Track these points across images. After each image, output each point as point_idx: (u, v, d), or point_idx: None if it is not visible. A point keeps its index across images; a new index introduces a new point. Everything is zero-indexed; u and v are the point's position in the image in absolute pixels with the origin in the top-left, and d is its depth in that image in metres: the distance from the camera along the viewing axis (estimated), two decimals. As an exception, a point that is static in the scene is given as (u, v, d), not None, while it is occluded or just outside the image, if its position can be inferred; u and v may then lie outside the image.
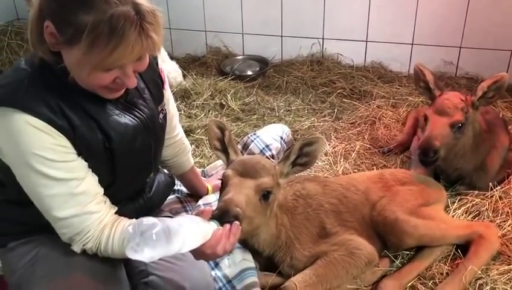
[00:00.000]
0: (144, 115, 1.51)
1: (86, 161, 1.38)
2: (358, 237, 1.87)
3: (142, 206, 1.68)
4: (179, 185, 2.27)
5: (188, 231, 1.27)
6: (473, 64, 3.58)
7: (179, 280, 1.50)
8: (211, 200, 2.12)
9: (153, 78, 1.61)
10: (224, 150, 1.80)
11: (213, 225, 1.37)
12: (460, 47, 3.58)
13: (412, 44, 3.69)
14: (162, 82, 1.68)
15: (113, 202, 1.50)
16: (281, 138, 2.68)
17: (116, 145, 1.41)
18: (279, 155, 2.62)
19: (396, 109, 3.20)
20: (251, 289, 1.69)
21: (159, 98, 1.63)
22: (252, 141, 2.59)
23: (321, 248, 1.83)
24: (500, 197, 2.17)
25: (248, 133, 2.78)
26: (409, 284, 1.81)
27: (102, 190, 1.43)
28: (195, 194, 2.23)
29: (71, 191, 1.33)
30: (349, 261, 1.79)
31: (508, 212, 2.10)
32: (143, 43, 1.22)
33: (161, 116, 1.63)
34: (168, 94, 1.75)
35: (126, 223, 1.42)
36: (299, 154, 1.71)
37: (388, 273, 1.88)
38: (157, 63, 1.65)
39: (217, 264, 1.82)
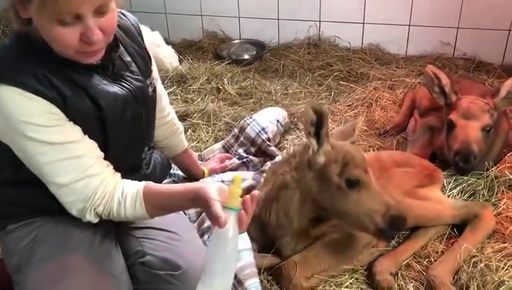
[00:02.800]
0: (132, 86, 1.50)
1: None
2: None
3: (139, 181, 1.67)
4: (175, 169, 2.26)
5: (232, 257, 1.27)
6: (471, 45, 3.56)
7: (175, 259, 1.51)
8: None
9: (139, 53, 1.59)
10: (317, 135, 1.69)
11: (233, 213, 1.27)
12: (457, 28, 3.56)
13: (409, 25, 3.67)
14: (149, 58, 1.67)
15: (123, 168, 1.51)
16: (278, 121, 2.68)
17: (106, 114, 1.41)
18: (275, 138, 2.63)
19: (393, 90, 3.19)
20: (247, 269, 1.70)
21: (146, 72, 1.61)
22: (249, 125, 2.58)
23: (321, 229, 1.84)
24: (496, 177, 2.18)
25: (245, 117, 2.77)
26: (404, 262, 1.83)
27: (102, 154, 1.43)
28: (191, 177, 2.22)
29: (69, 155, 1.33)
30: (347, 242, 1.81)
31: (503, 191, 2.11)
32: None
33: (150, 89, 1.62)
34: (155, 73, 1.74)
35: (135, 187, 1.42)
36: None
37: (384, 253, 1.89)
38: (142, 40, 1.64)
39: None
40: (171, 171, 2.24)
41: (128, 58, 1.54)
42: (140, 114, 1.55)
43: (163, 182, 2.06)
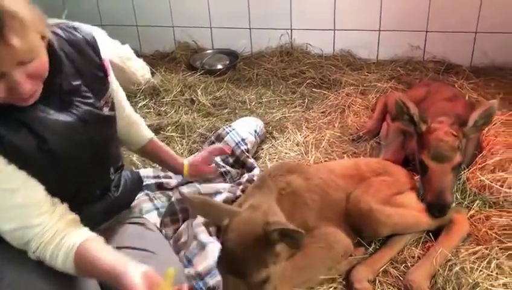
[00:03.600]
0: (81, 111, 1.45)
1: (23, 169, 1.33)
2: (337, 230, 1.89)
3: (110, 205, 1.67)
4: (146, 180, 2.23)
5: None
6: (440, 48, 3.63)
7: None
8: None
9: (92, 72, 1.54)
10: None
11: None
12: (426, 31, 3.62)
13: (379, 30, 3.72)
14: (105, 73, 1.61)
15: (78, 201, 1.47)
16: (255, 131, 2.68)
17: (53, 145, 1.37)
18: (253, 149, 2.62)
19: (365, 96, 3.23)
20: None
21: (100, 91, 1.56)
22: (228, 133, 2.57)
23: None
24: (468, 179, 2.21)
25: (219, 128, 2.76)
26: (381, 269, 1.84)
27: (46, 199, 1.38)
28: (170, 170, 2.17)
29: (6, 204, 1.30)
30: (327, 253, 1.81)
31: (475, 193, 2.14)
32: (1, 52, 1.14)
33: (106, 109, 1.57)
34: (112, 81, 1.67)
35: (72, 242, 1.37)
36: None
37: (361, 260, 1.89)
38: (98, 55, 1.58)
39: (189, 261, 1.81)
40: (144, 183, 2.18)
41: (77, 82, 1.48)
42: (93, 139, 1.50)
43: (137, 196, 2.00)
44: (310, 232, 1.85)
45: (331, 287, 1.79)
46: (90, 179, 1.58)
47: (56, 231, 1.37)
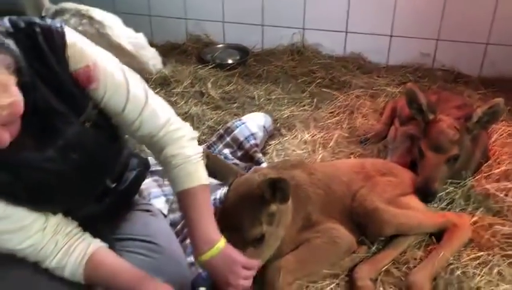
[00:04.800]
0: (61, 135, 1.32)
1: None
2: (340, 226, 1.91)
3: (114, 200, 1.63)
4: (154, 166, 2.17)
5: None
6: (450, 57, 3.65)
7: (155, 276, 1.49)
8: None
9: (65, 89, 1.31)
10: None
11: None
12: (437, 39, 3.64)
13: (391, 36, 3.74)
14: (80, 87, 1.34)
15: (74, 208, 1.47)
16: (264, 127, 2.71)
17: (30, 182, 1.28)
18: (261, 145, 2.64)
19: (374, 99, 3.25)
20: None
21: (77, 106, 1.34)
22: (237, 127, 2.59)
23: (304, 236, 1.86)
24: (472, 186, 2.24)
25: (228, 122, 2.78)
26: (384, 268, 1.86)
27: (32, 221, 1.34)
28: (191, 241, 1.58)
29: None
30: (330, 248, 1.84)
31: (479, 200, 2.16)
32: None
33: (88, 124, 1.37)
34: (101, 91, 1.38)
35: (80, 255, 1.40)
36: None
37: (365, 258, 1.92)
38: (65, 63, 1.30)
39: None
40: (153, 168, 2.14)
41: (55, 102, 1.29)
42: (79, 162, 1.38)
43: (146, 181, 1.96)
44: (313, 227, 1.89)
45: (333, 282, 1.82)
46: (84, 194, 1.51)
47: (56, 244, 1.38)
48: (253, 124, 2.62)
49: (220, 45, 4.14)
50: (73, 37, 1.32)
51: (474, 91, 3.28)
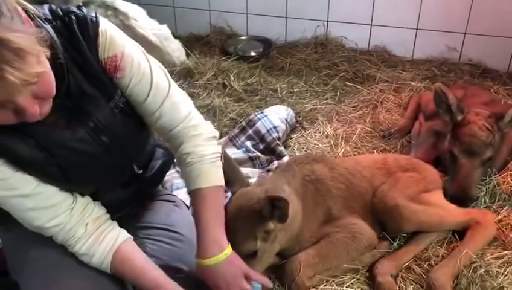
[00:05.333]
0: (92, 118, 1.36)
1: (32, 175, 1.32)
2: (361, 221, 1.91)
3: (139, 188, 1.65)
4: None
5: None
6: (477, 51, 3.57)
7: (178, 265, 1.52)
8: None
9: (95, 76, 1.35)
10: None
11: None
12: (465, 33, 3.57)
13: (417, 29, 3.68)
14: (108, 75, 1.38)
15: (101, 192, 1.49)
16: (286, 120, 2.71)
17: (61, 160, 1.32)
18: (282, 138, 2.64)
19: (398, 93, 3.21)
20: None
21: (107, 92, 1.38)
22: (260, 120, 2.60)
23: (325, 230, 1.87)
24: (498, 184, 2.20)
25: (250, 114, 2.79)
26: (405, 265, 1.85)
27: (62, 199, 1.37)
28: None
29: (20, 209, 1.33)
30: (351, 243, 1.84)
31: (504, 198, 2.13)
32: (1, 85, 1.03)
33: (116, 111, 1.41)
34: (127, 79, 1.41)
35: (108, 245, 1.41)
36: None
37: (386, 254, 1.91)
38: (96, 50, 1.35)
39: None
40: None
41: (87, 87, 1.34)
42: (106, 146, 1.41)
43: (169, 172, 1.96)
44: (334, 222, 1.89)
45: (354, 277, 1.82)
46: (112, 178, 1.54)
47: (86, 227, 1.40)
48: (275, 117, 2.62)
49: (243, 37, 4.14)
50: (105, 27, 1.36)
51: (502, 86, 3.21)
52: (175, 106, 1.48)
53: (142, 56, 1.45)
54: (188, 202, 2.08)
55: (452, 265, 1.79)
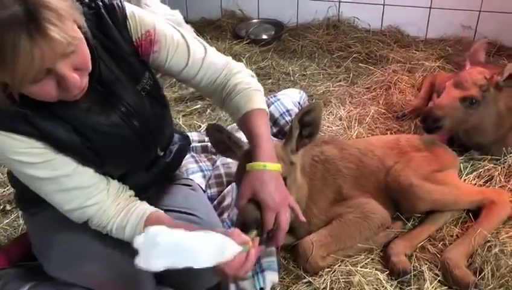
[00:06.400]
0: (123, 103, 1.43)
1: (71, 157, 1.38)
2: (373, 201, 1.92)
3: (160, 171, 1.69)
4: (192, 142, 2.24)
5: (203, 245, 1.26)
6: (492, 29, 3.51)
7: None
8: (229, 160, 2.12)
9: (124, 59, 1.42)
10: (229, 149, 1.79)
11: (237, 248, 1.31)
12: (479, 11, 3.51)
13: (430, 8, 3.63)
14: (142, 54, 1.46)
15: (127, 174, 1.54)
16: (299, 103, 2.71)
17: (97, 143, 1.40)
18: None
19: (412, 74, 3.18)
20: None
21: (135, 75, 1.46)
22: (273, 103, 2.60)
23: (337, 211, 1.88)
24: (513, 163, 2.19)
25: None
26: (419, 245, 1.87)
27: (99, 179, 1.44)
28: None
29: (62, 188, 1.37)
30: (363, 223, 1.85)
31: (520, 177, 2.12)
32: (42, 47, 1.07)
33: (143, 93, 1.48)
34: (164, 51, 1.48)
35: (140, 212, 1.46)
36: (302, 126, 1.68)
37: (400, 234, 1.92)
38: (128, 33, 1.42)
39: (232, 222, 1.89)
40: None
41: (117, 71, 1.41)
42: (138, 129, 1.49)
43: (185, 158, 2.02)
44: (346, 202, 1.90)
45: (368, 257, 1.84)
46: (139, 161, 1.61)
47: (117, 206, 1.45)
48: (288, 100, 2.62)
49: (255, 20, 4.12)
50: (132, 10, 1.44)
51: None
52: (214, 62, 1.58)
53: (172, 28, 1.54)
54: (203, 186, 2.11)
55: (466, 244, 1.80)
